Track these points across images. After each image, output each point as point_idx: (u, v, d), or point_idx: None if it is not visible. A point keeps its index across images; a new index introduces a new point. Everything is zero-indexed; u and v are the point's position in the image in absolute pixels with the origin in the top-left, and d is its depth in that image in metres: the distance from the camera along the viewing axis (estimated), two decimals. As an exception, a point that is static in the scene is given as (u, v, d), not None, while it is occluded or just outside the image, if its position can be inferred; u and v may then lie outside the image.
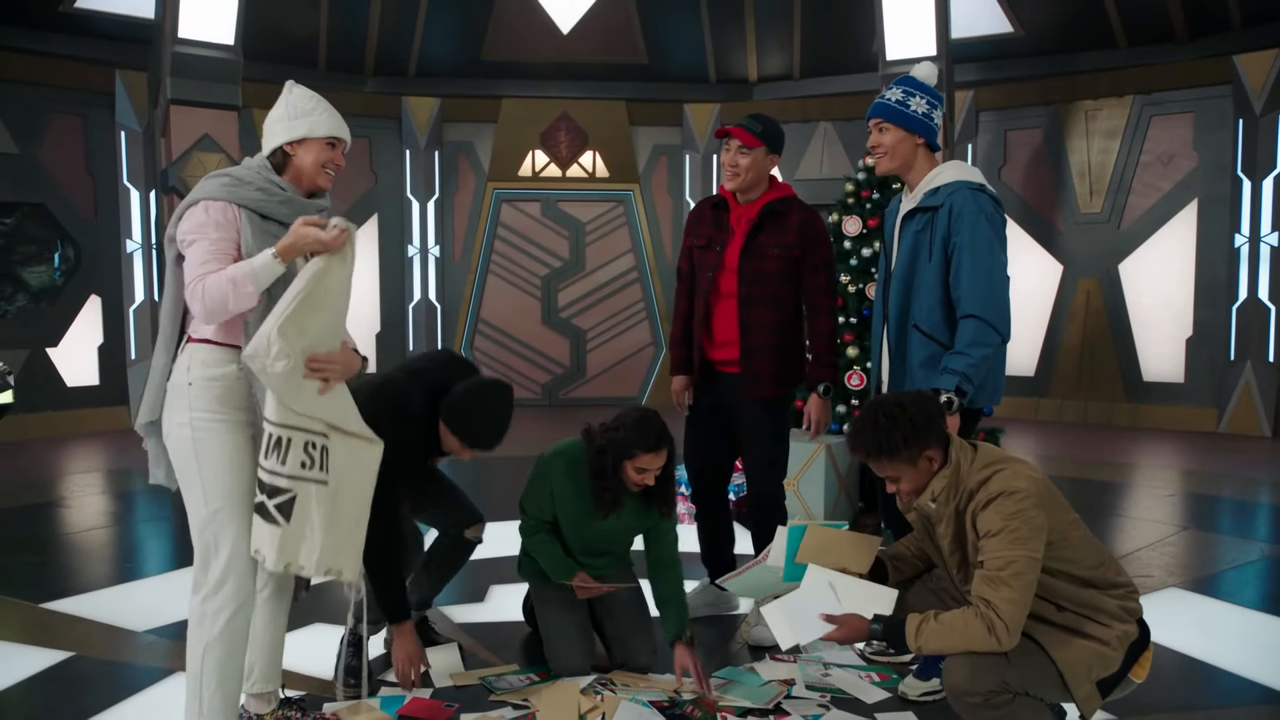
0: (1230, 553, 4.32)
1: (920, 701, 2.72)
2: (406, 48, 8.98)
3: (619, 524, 2.88)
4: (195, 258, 2.14)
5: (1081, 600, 2.10)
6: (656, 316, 9.40)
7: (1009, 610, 1.99)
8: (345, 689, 2.75)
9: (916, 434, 2.09)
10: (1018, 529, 2.00)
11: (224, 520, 2.19)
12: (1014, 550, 2.00)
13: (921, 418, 2.10)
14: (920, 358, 2.70)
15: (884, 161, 2.79)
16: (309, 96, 2.32)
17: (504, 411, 2.78)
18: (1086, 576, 2.10)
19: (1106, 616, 2.09)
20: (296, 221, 2.12)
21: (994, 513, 2.03)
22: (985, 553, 2.04)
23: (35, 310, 7.41)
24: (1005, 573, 2.00)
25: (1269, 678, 2.91)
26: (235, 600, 2.21)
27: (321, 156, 2.30)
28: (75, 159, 7.56)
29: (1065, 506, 2.13)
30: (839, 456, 4.64)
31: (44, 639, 3.18)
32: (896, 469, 2.13)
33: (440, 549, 3.08)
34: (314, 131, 2.28)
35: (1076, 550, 2.10)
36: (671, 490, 2.86)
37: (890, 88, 2.80)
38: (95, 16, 7.45)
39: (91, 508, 5.15)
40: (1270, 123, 7.34)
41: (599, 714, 2.58)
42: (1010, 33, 8.27)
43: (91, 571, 4.02)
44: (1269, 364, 7.45)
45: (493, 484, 5.86)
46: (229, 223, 2.17)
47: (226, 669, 2.23)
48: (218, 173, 2.26)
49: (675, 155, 9.41)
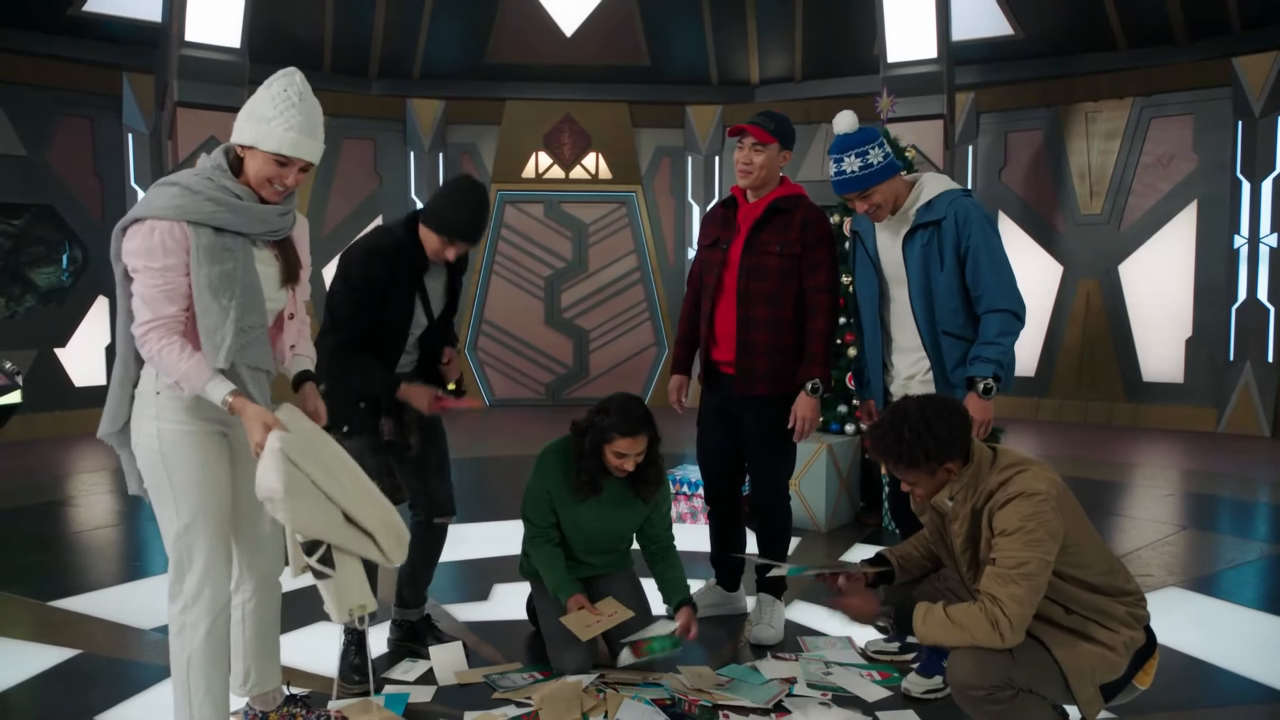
0: (1230, 552, 4.34)
1: (923, 699, 2.75)
2: (411, 50, 9.03)
3: (614, 516, 2.92)
4: (143, 293, 2.02)
5: (1090, 605, 2.12)
6: (659, 317, 9.43)
7: (1015, 609, 2.01)
8: (349, 686, 2.78)
9: (939, 449, 2.11)
10: (1034, 530, 2.02)
11: (196, 533, 2.14)
12: (1027, 551, 2.02)
13: (945, 433, 2.11)
14: (954, 359, 2.80)
15: (883, 212, 2.86)
16: (279, 100, 2.05)
17: (476, 196, 2.75)
18: (1096, 582, 2.12)
19: (1114, 622, 2.11)
20: (256, 423, 2.02)
21: (1012, 512, 2.05)
22: (998, 550, 2.06)
23: (43, 311, 7.47)
24: (1016, 572, 2.02)
25: (1268, 677, 2.93)
26: (213, 610, 2.17)
27: (265, 170, 2.08)
28: (83, 161, 7.61)
29: (1080, 513, 2.15)
30: (840, 456, 4.67)
31: (51, 637, 3.22)
32: (915, 477, 2.17)
33: (420, 539, 3.04)
34: (261, 143, 2.05)
35: (1088, 555, 2.12)
36: (653, 476, 2.89)
37: (841, 157, 2.80)
38: (102, 20, 7.50)
39: (98, 507, 5.20)
40: (1269, 124, 7.36)
41: (601, 712, 2.61)
42: (1010, 35, 8.29)
43: (98, 570, 4.06)
44: (1268, 364, 7.46)
45: (493, 484, 5.91)
46: (177, 244, 2.02)
47: (212, 675, 2.21)
48: (167, 180, 2.08)
49: (678, 157, 9.45)
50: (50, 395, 7.40)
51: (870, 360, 3.00)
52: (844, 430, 4.89)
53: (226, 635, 2.24)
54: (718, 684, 2.81)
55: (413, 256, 2.76)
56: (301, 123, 2.06)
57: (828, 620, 3.41)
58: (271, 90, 2.07)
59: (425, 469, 2.96)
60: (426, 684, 2.85)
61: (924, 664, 2.82)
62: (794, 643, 3.19)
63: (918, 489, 2.19)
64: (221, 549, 2.19)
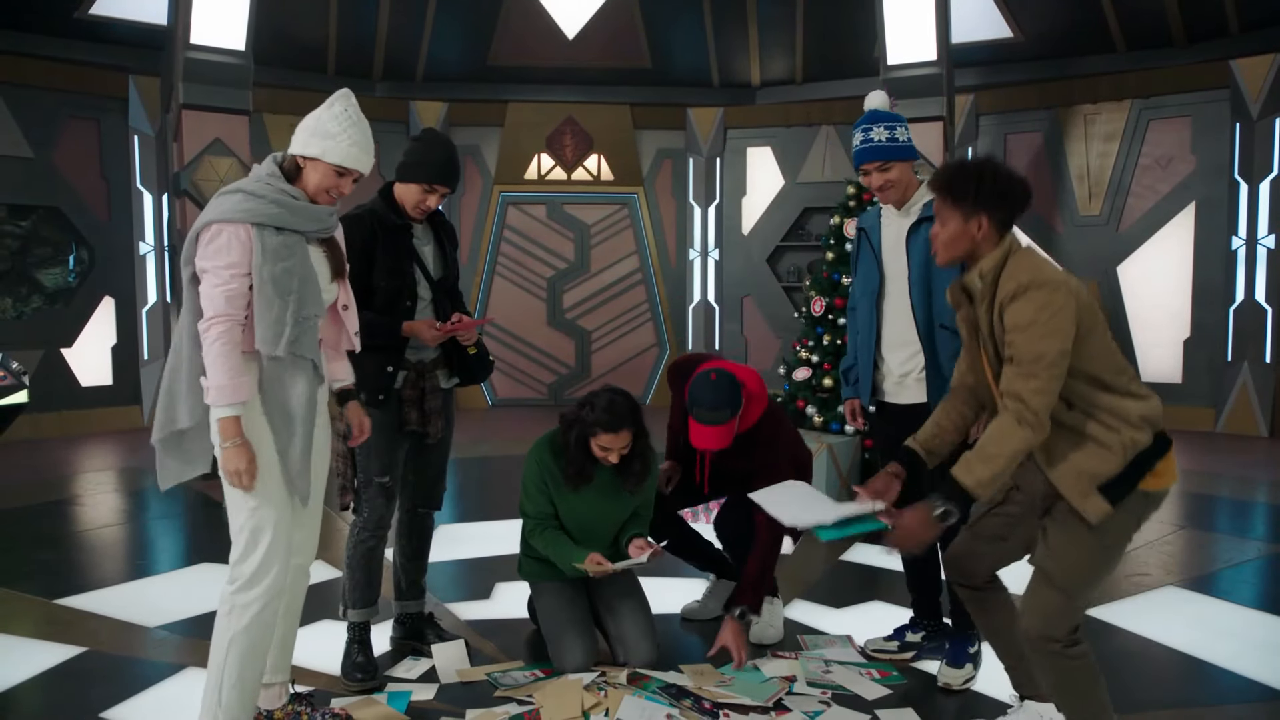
0: (1227, 551, 4.36)
1: (963, 690, 2.82)
2: (414, 53, 9.07)
3: (607, 504, 2.97)
4: (209, 292, 2.19)
5: (1091, 400, 2.08)
6: (660, 318, 9.47)
7: (1037, 400, 2.00)
8: (353, 684, 2.81)
9: (990, 192, 2.10)
10: (1048, 321, 2.00)
11: (264, 514, 2.24)
12: (1044, 343, 2.00)
13: (1005, 187, 2.11)
14: (949, 352, 2.81)
15: (893, 194, 2.89)
16: (342, 119, 2.31)
17: (444, 140, 2.93)
18: (1101, 377, 2.08)
19: (1116, 420, 2.07)
20: (242, 455, 2.18)
21: (1026, 304, 2.02)
22: (1014, 347, 2.04)
23: (50, 311, 7.51)
24: (1034, 365, 2.00)
25: (1266, 675, 2.94)
26: (267, 595, 2.25)
27: (325, 181, 2.33)
28: (89, 163, 7.66)
29: (1096, 309, 2.11)
30: (841, 456, 4.70)
31: (57, 634, 3.24)
32: (949, 214, 2.15)
33: (405, 527, 3.10)
34: (325, 156, 2.30)
35: (1096, 348, 2.08)
36: (637, 469, 2.93)
37: (870, 127, 2.87)
38: (109, 23, 7.54)
39: (104, 505, 5.23)
40: (1266, 127, 7.38)
41: (603, 709, 2.63)
42: (1010, 37, 8.32)
43: (104, 568, 4.09)
44: (1266, 364, 7.48)
45: (495, 483, 5.94)
46: (241, 246, 2.20)
47: (247, 664, 2.26)
48: (230, 189, 2.27)
49: (679, 158, 9.48)
50: (56, 395, 7.45)
51: (862, 358, 3.02)
52: (844, 430, 4.92)
53: (272, 628, 2.30)
54: (719, 682, 2.84)
55: (385, 216, 2.85)
56: (361, 139, 2.34)
57: (828, 619, 3.45)
58: (334, 110, 2.32)
59: (428, 462, 3.02)
60: (429, 682, 2.87)
61: (951, 654, 2.88)
62: (794, 641, 3.21)
63: (942, 232, 2.17)
64: (286, 533, 2.28)
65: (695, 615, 3.41)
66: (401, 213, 2.87)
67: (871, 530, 2.24)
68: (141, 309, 7.90)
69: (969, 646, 2.89)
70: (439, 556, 3.55)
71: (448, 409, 3.00)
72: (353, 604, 2.92)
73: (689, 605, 3.45)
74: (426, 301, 2.91)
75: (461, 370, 3.00)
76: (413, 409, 2.86)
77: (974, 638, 2.89)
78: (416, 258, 2.89)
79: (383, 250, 2.81)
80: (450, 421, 3.03)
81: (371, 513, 2.88)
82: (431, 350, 2.92)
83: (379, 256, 2.80)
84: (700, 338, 9.50)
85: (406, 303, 2.85)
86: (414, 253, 2.89)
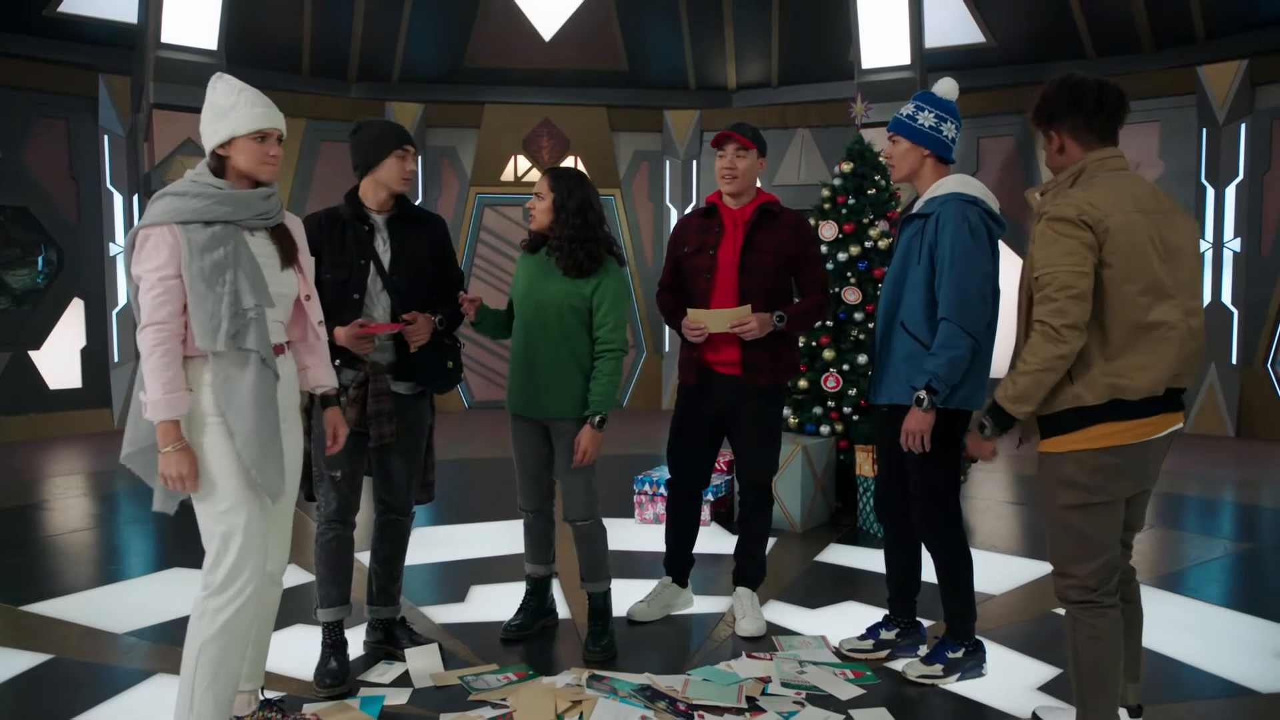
0: (1195, 550, 4.42)
1: (918, 683, 2.87)
2: (390, 54, 9.03)
3: (540, 282, 3.03)
4: (141, 299, 2.18)
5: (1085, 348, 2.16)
6: (638, 319, 9.47)
7: (1059, 318, 2.10)
8: (325, 689, 2.79)
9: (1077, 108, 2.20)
10: (1058, 242, 2.11)
11: (233, 519, 2.22)
12: (1055, 265, 2.11)
13: (1094, 106, 2.20)
14: (903, 352, 2.83)
15: (894, 170, 2.96)
16: (229, 92, 2.25)
17: (372, 119, 3.06)
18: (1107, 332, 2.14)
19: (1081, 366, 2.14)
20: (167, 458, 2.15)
21: (1043, 229, 2.16)
22: (1035, 269, 2.17)
23: (18, 313, 7.41)
24: (1050, 288, 2.12)
25: (1232, 672, 3.00)
26: (238, 599, 2.22)
27: (252, 154, 2.25)
28: (59, 163, 7.56)
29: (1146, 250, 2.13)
30: (815, 457, 4.73)
31: (24, 641, 3.20)
32: (1034, 125, 2.30)
33: (377, 530, 3.09)
34: (237, 130, 2.23)
35: (1107, 302, 2.13)
36: (582, 258, 2.97)
37: (909, 103, 2.95)
38: (79, 21, 7.45)
39: (73, 510, 5.15)
40: (1232, 132, 7.51)
41: (577, 712, 2.63)
42: (982, 43, 8.42)
43: (73, 574, 4.03)
44: (1232, 366, 7.61)
45: (472, 485, 5.92)
46: (169, 248, 2.16)
47: (220, 669, 2.22)
48: (161, 191, 2.24)
49: (656, 161, 9.50)
50: (24, 398, 7.35)
51: (879, 351, 2.96)
52: (819, 432, 4.95)
53: (245, 633, 2.26)
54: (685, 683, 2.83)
55: (339, 211, 2.88)
56: (258, 99, 2.28)
57: (802, 619, 3.47)
58: (218, 89, 2.28)
59: (390, 466, 2.98)
60: (402, 686, 2.86)
61: (930, 653, 2.92)
62: (769, 642, 3.23)
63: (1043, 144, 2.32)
64: (257, 536, 2.25)
65: (641, 616, 3.43)
66: (363, 208, 2.89)
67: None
68: (112, 311, 7.81)
69: (951, 651, 2.91)
70: (414, 560, 3.53)
71: (411, 413, 2.94)
72: (321, 601, 2.90)
73: (635, 606, 3.46)
74: (376, 295, 2.86)
75: (420, 375, 2.94)
76: (353, 408, 2.82)
77: (963, 646, 2.91)
78: (371, 253, 2.87)
79: (328, 243, 2.84)
80: (414, 427, 2.98)
81: (327, 505, 2.88)
82: (389, 353, 2.90)
83: (324, 249, 2.82)
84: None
85: (354, 295, 2.83)
86: (367, 247, 2.87)
